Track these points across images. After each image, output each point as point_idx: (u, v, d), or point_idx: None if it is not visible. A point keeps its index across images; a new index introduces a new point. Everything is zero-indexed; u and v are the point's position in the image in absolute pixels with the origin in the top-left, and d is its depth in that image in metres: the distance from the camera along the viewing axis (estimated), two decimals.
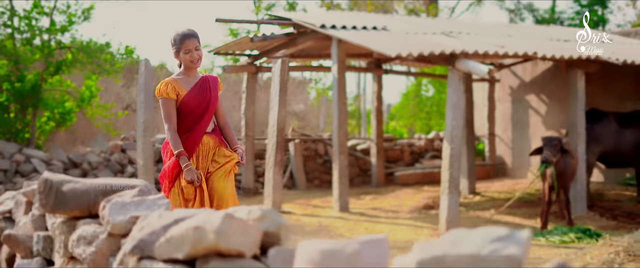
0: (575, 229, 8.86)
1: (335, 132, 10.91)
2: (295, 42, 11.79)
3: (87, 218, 3.54)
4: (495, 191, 12.93)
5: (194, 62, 4.87)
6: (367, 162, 14.86)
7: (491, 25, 14.07)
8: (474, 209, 11.19)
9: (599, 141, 10.92)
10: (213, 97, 4.96)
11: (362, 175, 14.86)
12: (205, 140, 4.93)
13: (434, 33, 10.79)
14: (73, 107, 12.89)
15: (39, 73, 12.29)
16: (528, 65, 14.39)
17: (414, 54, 8.83)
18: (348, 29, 10.17)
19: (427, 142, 15.98)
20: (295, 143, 14.01)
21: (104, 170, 12.05)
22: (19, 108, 12.28)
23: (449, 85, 9.18)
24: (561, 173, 9.16)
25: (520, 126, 15.13)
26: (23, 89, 11.92)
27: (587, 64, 10.26)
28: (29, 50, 12.17)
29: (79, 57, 12.16)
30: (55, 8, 12.61)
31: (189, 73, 4.97)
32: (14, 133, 12.20)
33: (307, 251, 2.19)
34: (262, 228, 2.52)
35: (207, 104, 4.91)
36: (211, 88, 4.97)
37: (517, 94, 15.22)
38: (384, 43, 9.29)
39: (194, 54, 4.85)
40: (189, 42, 4.84)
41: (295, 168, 13.90)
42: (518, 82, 15.14)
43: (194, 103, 4.87)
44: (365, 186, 14.45)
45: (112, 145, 12.58)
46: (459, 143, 9.18)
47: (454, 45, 9.27)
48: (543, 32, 13.32)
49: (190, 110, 4.88)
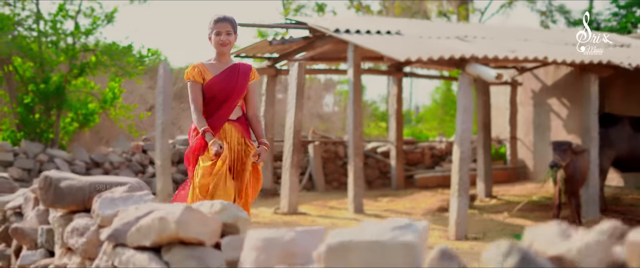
0: None
1: (350, 134, 11.24)
2: (314, 45, 12.13)
3: (82, 212, 3.93)
4: (513, 195, 13.13)
5: (223, 44, 4.87)
6: (387, 164, 15.15)
7: (509, 29, 14.28)
8: (488, 212, 11.42)
9: (613, 145, 11.08)
10: (239, 84, 4.93)
11: (382, 178, 15.16)
12: (227, 128, 4.91)
13: (449, 37, 11.06)
14: (96, 108, 13.41)
15: (63, 75, 12.82)
16: (550, 69, 14.54)
17: (424, 58, 9.13)
18: (362, 33, 10.48)
19: (448, 145, 16.22)
20: (314, 145, 14.35)
21: (125, 170, 12.54)
22: (43, 109, 12.84)
23: (460, 89, 9.44)
24: (571, 177, 9.41)
25: (541, 130, 15.28)
26: (48, 91, 12.46)
27: (600, 69, 10.44)
28: (54, 53, 12.69)
29: (103, 60, 12.67)
30: (80, 11, 13.14)
31: (220, 58, 4.97)
32: (39, 133, 12.75)
33: (253, 239, 2.54)
34: (221, 220, 2.88)
35: (231, 90, 4.88)
36: (239, 75, 4.95)
37: (539, 97, 15.37)
38: (394, 47, 9.59)
39: (223, 37, 4.86)
40: (221, 25, 4.88)
41: (314, 170, 14.24)
42: (540, 86, 15.30)
43: (217, 88, 4.85)
44: (384, 188, 14.74)
45: (133, 145, 13.07)
46: (468, 147, 9.44)
47: (464, 49, 9.54)
48: (561, 36, 13.48)
49: (213, 95, 4.86)
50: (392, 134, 14.74)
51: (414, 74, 14.78)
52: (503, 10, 30.57)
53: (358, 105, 11.25)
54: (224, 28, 4.89)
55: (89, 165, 12.52)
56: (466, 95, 9.38)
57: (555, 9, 29.84)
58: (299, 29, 11.67)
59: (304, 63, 11.28)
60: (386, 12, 28.44)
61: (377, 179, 15.06)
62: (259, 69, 13.45)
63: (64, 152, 12.56)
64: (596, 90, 10.62)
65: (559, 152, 9.25)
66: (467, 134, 9.44)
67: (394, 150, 14.52)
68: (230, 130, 4.91)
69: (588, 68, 10.50)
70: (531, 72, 15.06)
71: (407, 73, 14.58)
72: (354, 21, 12.34)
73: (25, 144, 12.21)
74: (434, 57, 9.13)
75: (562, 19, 29.66)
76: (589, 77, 10.60)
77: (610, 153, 11.13)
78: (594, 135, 10.62)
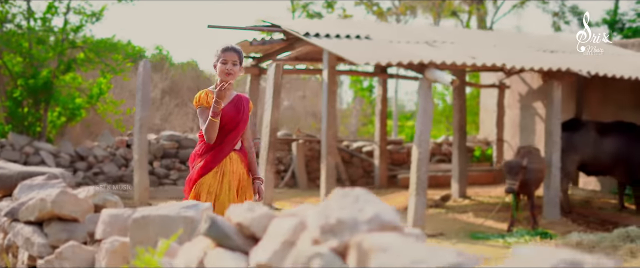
0: (533, 232, 9.97)
1: (323, 134, 12.09)
2: (294, 46, 12.99)
3: (8, 196, 4.86)
4: (489, 196, 13.91)
5: (228, 74, 4.91)
6: (371, 163, 15.99)
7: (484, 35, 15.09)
8: (456, 212, 12.24)
9: (578, 150, 11.85)
10: (245, 116, 5.10)
11: (366, 177, 16.01)
12: (234, 156, 5.03)
13: (418, 42, 11.88)
14: (83, 103, 14.43)
15: (51, 70, 13.86)
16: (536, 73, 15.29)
17: (382, 62, 10.00)
18: (331, 37, 11.34)
19: (434, 146, 17.02)
20: (298, 143, 15.24)
21: (109, 163, 13.55)
22: (32, 103, 13.90)
23: (420, 92, 10.27)
24: (523, 184, 10.30)
25: (527, 132, 16.03)
26: (36, 85, 13.52)
27: (562, 76, 11.20)
28: (43, 49, 13.73)
29: (91, 56, 13.70)
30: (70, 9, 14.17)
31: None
32: (27, 126, 13.82)
33: (104, 215, 3.45)
34: (93, 202, 3.79)
35: (240, 120, 5.04)
36: (244, 107, 5.10)
37: (526, 100, 16.13)
38: (355, 51, 10.44)
39: (229, 67, 4.92)
40: (228, 55, 4.95)
41: (297, 167, 15.14)
42: (527, 89, 16.06)
43: (227, 117, 4.97)
44: (368, 187, 15.57)
45: (118, 140, 14.09)
46: (427, 148, 10.26)
47: (425, 54, 10.35)
48: (536, 42, 14.21)
49: (222, 124, 4.95)
50: (377, 134, 15.58)
51: (399, 75, 15.58)
52: (515, 11, 31.10)
53: (332, 105, 12.08)
54: (231, 58, 4.96)
55: (74, 158, 13.55)
56: (426, 98, 10.20)
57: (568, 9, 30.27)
58: (273, 32, 12.51)
59: (282, 63, 12.15)
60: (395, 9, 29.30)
61: (361, 178, 15.91)
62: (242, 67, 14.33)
63: (49, 145, 13.59)
64: (559, 96, 11.37)
65: (512, 176, 10.19)
66: (426, 136, 10.25)
67: (378, 150, 15.36)
68: (236, 159, 5.04)
69: (552, 75, 11.26)
70: (518, 75, 15.80)
71: (392, 74, 15.38)
72: (327, 25, 13.20)
73: (12, 136, 13.27)
74: (393, 61, 9.97)
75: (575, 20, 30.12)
76: (552, 83, 11.36)
77: (575, 157, 11.90)
78: (556, 139, 11.38)
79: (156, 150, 14.23)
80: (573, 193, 14.23)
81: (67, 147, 13.57)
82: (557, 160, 11.33)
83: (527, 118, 16.08)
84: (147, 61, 11.64)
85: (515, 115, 16.52)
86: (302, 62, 14.60)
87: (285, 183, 15.16)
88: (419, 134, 10.24)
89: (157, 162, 14.29)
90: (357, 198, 2.04)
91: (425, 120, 10.21)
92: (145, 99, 11.78)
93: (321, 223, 2.00)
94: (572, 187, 14.57)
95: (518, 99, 16.44)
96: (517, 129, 16.45)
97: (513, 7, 30.65)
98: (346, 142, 17.00)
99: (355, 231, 1.94)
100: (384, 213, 1.98)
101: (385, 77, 15.27)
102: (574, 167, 12.00)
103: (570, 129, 11.89)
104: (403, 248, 1.79)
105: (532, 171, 10.41)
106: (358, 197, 2.05)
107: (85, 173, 13.42)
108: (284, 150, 15.78)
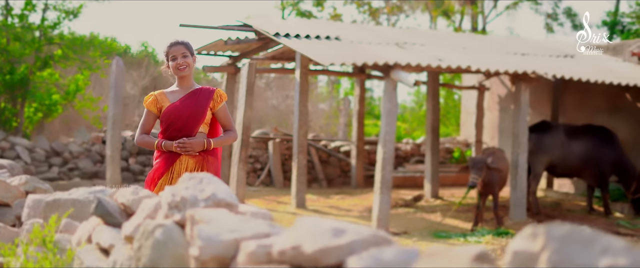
0: (494, 232, 10.45)
1: (295, 133, 12.56)
2: (269, 45, 13.45)
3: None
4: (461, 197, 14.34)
5: (179, 68, 4.85)
6: (348, 163, 16.45)
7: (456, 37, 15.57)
8: (425, 212, 12.68)
9: (546, 151, 12.30)
10: (197, 110, 4.90)
11: (343, 176, 16.48)
12: (183, 159, 4.84)
13: (388, 43, 12.34)
14: (59, 100, 14.91)
15: (28, 67, 14.35)
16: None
17: (347, 63, 10.45)
18: (301, 37, 11.79)
19: (413, 147, 17.48)
20: (274, 142, 15.70)
21: (84, 159, 14.04)
22: (8, 98, 14.38)
23: (384, 93, 10.72)
24: (487, 184, 10.75)
25: (506, 134, 16.47)
26: (13, 81, 13.99)
27: (529, 79, 11.64)
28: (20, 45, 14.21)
29: (68, 53, 14.18)
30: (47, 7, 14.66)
31: (181, 84, 4.99)
32: (3, 121, 14.30)
33: (29, 200, 3.91)
34: (25, 189, 4.25)
35: (187, 117, 4.86)
36: (199, 101, 4.92)
37: (505, 102, 16.59)
38: (322, 52, 10.88)
39: (180, 60, 4.83)
40: (175, 49, 4.87)
41: (273, 166, 15.60)
42: (506, 91, 16.51)
43: (173, 115, 4.85)
44: (344, 187, 16.07)
45: (93, 136, 14.59)
46: (392, 148, 10.71)
47: (389, 56, 10.80)
48: (506, 45, 14.67)
49: (169, 123, 4.86)
50: (354, 133, 16.04)
51: (375, 76, 16.02)
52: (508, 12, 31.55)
53: (304, 105, 12.57)
54: (178, 51, 4.87)
55: (49, 153, 14.05)
56: (390, 99, 10.65)
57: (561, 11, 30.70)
58: (245, 32, 12.95)
59: (255, 62, 12.59)
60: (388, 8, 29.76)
61: (338, 177, 16.37)
62: (219, 66, 14.79)
63: (25, 140, 14.08)
64: (527, 99, 11.81)
65: (476, 170, 10.64)
66: (391, 136, 10.71)
67: (355, 150, 15.83)
68: (186, 161, 4.86)
69: (519, 77, 11.71)
70: (498, 78, 16.26)
71: (370, 75, 15.81)
72: (299, 26, 13.63)
73: None
74: (358, 62, 10.41)
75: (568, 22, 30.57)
76: (520, 86, 11.80)
77: (544, 158, 12.35)
78: (523, 141, 11.81)
79: (132, 146, 14.71)
80: (546, 195, 14.70)
81: (42, 143, 14.05)
82: (523, 161, 11.76)
83: (506, 120, 16.51)
84: (120, 59, 12.09)
85: (494, 117, 16.97)
86: (279, 61, 15.04)
87: (261, 182, 15.62)
88: (384, 134, 10.67)
89: (132, 159, 14.76)
90: (201, 181, 2.51)
91: (390, 121, 10.64)
92: (118, 96, 12.23)
93: (169, 201, 2.46)
94: (546, 189, 15.05)
95: (497, 101, 16.88)
96: (496, 131, 16.90)
97: (506, 7, 31.09)
98: (324, 142, 17.44)
99: (195, 207, 2.40)
100: (219, 193, 2.44)
101: (362, 77, 15.72)
102: (542, 169, 12.42)
103: (539, 131, 12.34)
104: (224, 220, 2.25)
105: (496, 171, 10.87)
106: (202, 179, 2.51)
107: (61, 168, 13.89)
108: (261, 149, 16.22)
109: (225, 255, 2.14)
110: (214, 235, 2.15)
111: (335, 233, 1.96)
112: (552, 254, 1.47)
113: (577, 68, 12.36)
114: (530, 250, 1.51)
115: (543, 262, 1.47)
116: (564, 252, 1.46)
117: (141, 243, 2.37)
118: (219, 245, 2.14)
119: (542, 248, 1.49)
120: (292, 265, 1.96)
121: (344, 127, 24.79)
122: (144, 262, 2.33)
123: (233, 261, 2.13)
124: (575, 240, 1.48)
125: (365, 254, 1.83)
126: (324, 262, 1.91)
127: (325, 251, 1.90)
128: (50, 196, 3.51)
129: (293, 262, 1.95)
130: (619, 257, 1.42)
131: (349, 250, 1.90)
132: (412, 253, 1.80)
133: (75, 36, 14.68)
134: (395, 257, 1.80)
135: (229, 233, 2.17)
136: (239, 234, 2.17)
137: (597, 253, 1.45)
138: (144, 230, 2.39)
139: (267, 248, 2.03)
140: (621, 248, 1.44)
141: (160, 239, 2.31)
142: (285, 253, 1.96)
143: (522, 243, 1.54)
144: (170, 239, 2.32)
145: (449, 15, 30.40)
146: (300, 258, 1.94)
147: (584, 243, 1.47)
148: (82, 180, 13.66)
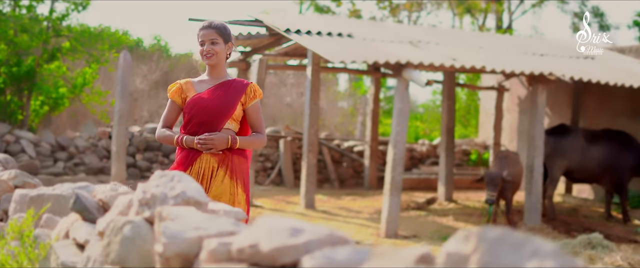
0: None
1: (305, 131, 12.66)
2: (281, 41, 13.55)
3: None
4: (476, 200, 14.40)
5: (207, 56, 4.51)
6: (361, 164, 16.53)
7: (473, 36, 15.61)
8: (436, 215, 12.73)
9: (564, 155, 12.32)
10: (227, 103, 4.52)
11: (356, 177, 16.57)
12: (204, 158, 4.45)
13: (402, 41, 12.40)
14: (66, 93, 15.10)
15: (35, 59, 14.54)
16: None
17: (357, 61, 10.52)
18: (312, 34, 11.88)
19: (429, 148, 17.53)
20: (285, 140, 15.80)
21: (90, 154, 14.22)
22: (14, 91, 14.58)
23: (396, 92, 10.79)
24: (501, 190, 10.85)
25: (525, 137, 16.45)
26: (19, 73, 14.19)
27: (547, 80, 11.67)
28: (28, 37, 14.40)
29: (76, 46, 14.36)
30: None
31: (211, 73, 4.63)
32: (9, 114, 14.49)
33: (16, 195, 4.04)
34: (13, 183, 4.38)
35: (212, 110, 4.49)
36: (229, 93, 4.54)
37: (525, 104, 16.58)
38: (332, 49, 10.96)
39: (207, 47, 4.50)
40: (205, 34, 4.51)
41: (284, 165, 15.70)
42: (525, 93, 16.51)
43: (197, 107, 4.49)
44: (357, 188, 16.15)
45: (100, 131, 14.75)
46: (402, 149, 10.77)
47: (403, 55, 10.86)
48: (526, 45, 14.68)
49: (192, 115, 4.51)
50: (368, 133, 16.11)
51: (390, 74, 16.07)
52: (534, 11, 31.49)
53: (315, 102, 12.67)
54: (208, 37, 4.50)
55: (54, 148, 14.23)
56: (402, 98, 10.72)
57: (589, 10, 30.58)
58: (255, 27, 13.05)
59: (265, 58, 12.70)
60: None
61: (350, 178, 16.46)
62: (230, 62, 14.91)
63: (30, 134, 14.27)
64: (543, 100, 11.84)
65: (492, 187, 10.71)
66: (402, 136, 10.77)
67: (368, 150, 15.90)
68: (208, 161, 4.46)
69: (536, 79, 11.73)
70: (518, 78, 16.27)
71: (385, 74, 15.88)
72: (313, 22, 13.71)
73: None
74: (369, 60, 10.48)
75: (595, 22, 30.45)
76: (537, 87, 11.83)
77: (561, 163, 12.37)
78: (539, 144, 11.84)
79: (139, 142, 14.86)
80: (564, 200, 14.72)
81: (48, 137, 14.24)
82: (539, 165, 11.78)
83: (525, 122, 16.48)
84: (128, 52, 12.23)
85: (514, 119, 16.98)
86: (292, 58, 15.15)
87: (271, 181, 15.74)
88: (395, 135, 10.73)
89: (139, 155, 14.92)
90: (172, 178, 2.61)
91: (401, 121, 10.71)
92: (124, 90, 12.39)
93: (140, 198, 2.56)
94: (565, 195, 15.05)
95: (517, 103, 16.89)
96: (515, 133, 16.90)
97: (532, 6, 31.02)
98: (337, 141, 17.52)
99: (164, 204, 2.50)
100: (189, 191, 2.54)
101: (377, 75, 15.79)
102: (559, 173, 12.44)
103: (558, 135, 12.36)
104: (190, 217, 2.35)
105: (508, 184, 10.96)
106: (173, 177, 2.61)
107: (66, 163, 14.08)
108: (272, 147, 16.32)
109: (188, 253, 2.24)
110: (178, 232, 2.25)
111: (293, 232, 2.05)
112: (482, 255, 1.56)
113: (596, 70, 12.38)
114: (462, 252, 1.60)
115: (474, 262, 1.56)
116: (493, 253, 1.55)
117: (110, 239, 2.48)
118: (182, 243, 2.24)
119: (473, 249, 1.58)
120: (250, 263, 2.06)
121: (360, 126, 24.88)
122: (113, 257, 2.44)
123: (196, 259, 2.23)
124: (506, 243, 1.57)
125: (318, 253, 1.92)
126: (280, 261, 2.00)
127: (281, 250, 1.99)
128: (34, 191, 3.63)
129: (251, 260, 2.05)
130: (547, 259, 1.51)
131: (304, 249, 1.99)
132: (363, 253, 1.89)
133: (84, 28, 14.85)
134: (347, 256, 1.89)
135: (194, 231, 2.27)
136: (204, 232, 2.27)
137: (526, 256, 1.54)
138: (113, 226, 2.49)
139: (228, 246, 2.13)
140: (550, 251, 1.53)
141: (128, 235, 2.42)
142: (244, 251, 2.06)
143: (455, 245, 1.63)
144: (138, 236, 2.42)
145: (473, 13, 30.37)
146: (257, 256, 2.03)
147: (514, 246, 1.57)
148: (88, 175, 13.84)
